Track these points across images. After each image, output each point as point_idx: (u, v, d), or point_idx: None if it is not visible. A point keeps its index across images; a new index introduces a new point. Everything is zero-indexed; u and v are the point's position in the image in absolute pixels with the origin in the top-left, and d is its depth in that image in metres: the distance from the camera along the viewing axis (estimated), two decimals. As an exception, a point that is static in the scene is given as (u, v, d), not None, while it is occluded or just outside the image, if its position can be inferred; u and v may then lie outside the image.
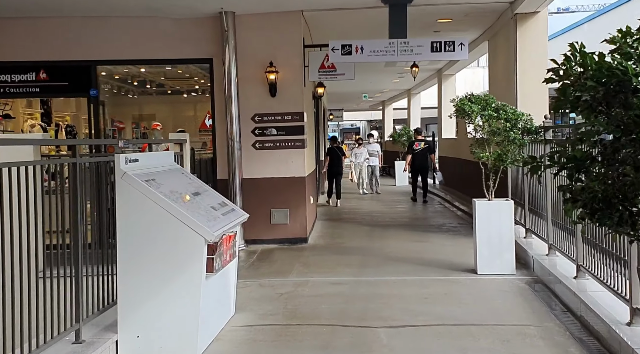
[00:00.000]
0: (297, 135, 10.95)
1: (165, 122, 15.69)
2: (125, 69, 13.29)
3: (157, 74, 14.97)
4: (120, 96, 15.87)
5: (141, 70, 13.72)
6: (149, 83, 15.54)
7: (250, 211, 10.98)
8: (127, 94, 16.46)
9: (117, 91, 16.02)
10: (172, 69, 13.30)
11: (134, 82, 15.58)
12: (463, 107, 8.31)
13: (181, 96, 15.99)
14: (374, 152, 20.60)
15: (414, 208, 16.68)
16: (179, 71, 13.73)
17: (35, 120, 15.41)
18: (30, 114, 15.54)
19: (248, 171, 10.87)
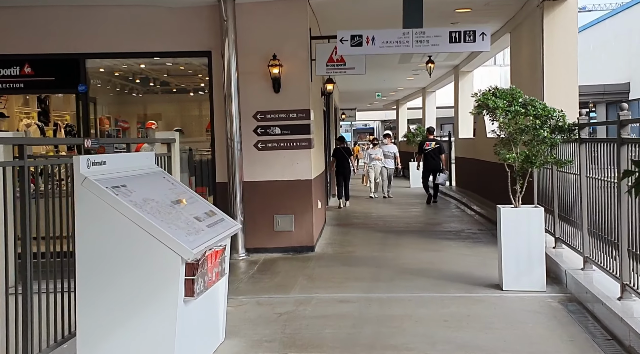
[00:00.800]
0: (303, 134, 10.05)
1: (172, 122, 14.89)
2: (124, 66, 12.47)
3: (160, 71, 14.17)
4: (124, 94, 15.18)
5: (141, 66, 12.87)
6: (153, 81, 14.73)
7: (252, 217, 10.17)
8: (131, 93, 15.72)
9: (120, 89, 15.26)
10: (175, 65, 12.46)
11: (136, 80, 14.79)
12: (487, 103, 7.37)
13: (187, 94, 15.16)
14: (389, 154, 19.33)
15: (429, 212, 15.74)
16: (181, 68, 12.89)
17: (32, 119, 14.64)
18: (26, 113, 14.78)
19: (249, 174, 9.99)
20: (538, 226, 7.31)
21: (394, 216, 14.83)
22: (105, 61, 11.25)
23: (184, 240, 4.50)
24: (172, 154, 6.99)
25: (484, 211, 14.30)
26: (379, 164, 18.91)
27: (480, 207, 14.98)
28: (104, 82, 13.89)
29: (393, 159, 19.33)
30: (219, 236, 5.20)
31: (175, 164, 7.04)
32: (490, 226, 12.48)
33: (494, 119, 7.52)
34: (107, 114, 15.53)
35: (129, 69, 12.73)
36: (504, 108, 7.32)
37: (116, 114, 14.93)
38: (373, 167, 18.96)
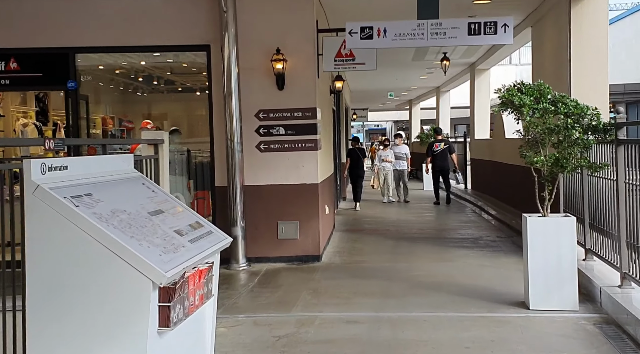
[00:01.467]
0: (309, 135, 9.31)
1: (179, 122, 14.20)
2: (124, 63, 11.77)
3: (163, 68, 13.49)
4: (124, 92, 14.52)
5: (142, 63, 12.17)
6: (155, 79, 14.04)
7: (254, 224, 9.42)
8: (133, 91, 15.08)
9: (120, 87, 14.62)
10: (178, 63, 11.73)
11: (138, 78, 14.12)
12: (511, 99, 6.59)
13: (194, 93, 14.43)
14: (401, 155, 18.11)
15: (443, 216, 14.95)
16: (184, 65, 12.17)
17: (29, 119, 13.99)
18: (24, 112, 14.14)
19: (251, 177, 9.26)
20: (569, 238, 6.52)
21: (407, 221, 14.06)
22: (103, 58, 10.57)
23: (156, 260, 3.76)
24: (160, 156, 6.27)
25: (502, 216, 13.51)
26: (389, 166, 17.83)
27: (498, 211, 14.18)
28: (100, 80, 13.24)
29: (405, 160, 18.17)
30: (204, 253, 4.46)
31: (163, 167, 6.31)
32: (509, 233, 11.70)
33: (520, 117, 6.75)
34: (104, 113, 14.88)
35: (131, 66, 12.03)
36: (531, 105, 6.55)
37: (122, 114, 14.32)
38: (383, 169, 17.94)
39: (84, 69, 10.16)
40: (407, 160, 18.24)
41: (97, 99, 14.54)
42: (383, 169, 17.90)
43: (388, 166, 17.81)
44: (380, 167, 18.03)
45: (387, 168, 17.85)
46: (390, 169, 17.87)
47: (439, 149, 17.33)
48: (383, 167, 17.89)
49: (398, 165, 17.94)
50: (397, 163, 17.93)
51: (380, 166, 17.99)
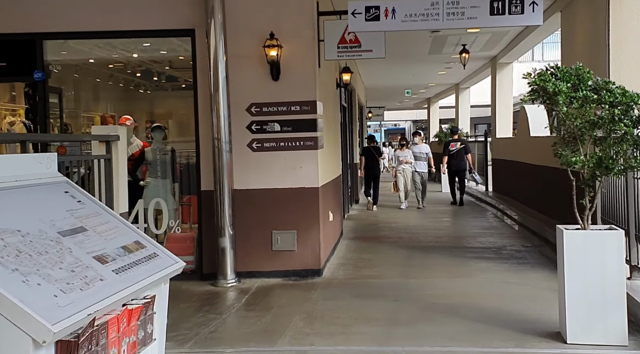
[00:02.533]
0: (308, 132, 8.17)
1: (182, 119, 13.18)
2: (114, 55, 10.74)
3: (162, 63, 12.44)
4: (129, 90, 13.75)
5: (134, 56, 11.10)
6: (141, 71, 13.00)
7: (246, 234, 8.27)
8: (137, 89, 14.12)
9: (124, 85, 13.65)
10: (164, 51, 10.65)
11: (136, 73, 13.11)
12: (544, 86, 5.40)
13: (182, 86, 13.38)
14: (420, 155, 16.38)
15: (462, 222, 13.74)
16: (181, 58, 11.08)
17: (18, 117, 12.97)
18: (13, 110, 13.13)
19: (242, 180, 8.13)
20: (616, 256, 5.31)
21: (422, 227, 12.86)
22: (78, 45, 9.49)
23: (44, 305, 2.64)
24: (113, 156, 5.16)
25: (527, 221, 12.28)
26: (409, 168, 16.04)
27: (522, 217, 12.95)
28: (76, 71, 12.19)
29: (426, 161, 16.44)
30: (137, 285, 3.33)
31: (118, 169, 5.20)
32: (536, 241, 10.49)
33: (554, 108, 5.55)
34: (104, 110, 13.92)
35: (110, 55, 10.95)
36: (568, 93, 5.35)
37: (128, 112, 13.32)
38: (402, 172, 16.08)
39: (56, 59, 9.15)
40: (427, 161, 16.53)
41: (75, 94, 13.59)
42: (402, 171, 16.09)
43: (407, 167, 16.06)
44: (399, 170, 16.16)
45: (407, 170, 16.10)
46: (410, 171, 16.14)
47: (455, 148, 16.75)
48: (402, 169, 16.06)
49: (418, 166, 16.27)
50: (417, 164, 16.26)
51: (399, 168, 16.14)
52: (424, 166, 16.34)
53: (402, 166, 16.03)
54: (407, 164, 16.03)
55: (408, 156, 16.13)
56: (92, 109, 14.39)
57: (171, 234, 8.43)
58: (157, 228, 8.35)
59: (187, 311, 6.71)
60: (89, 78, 13.16)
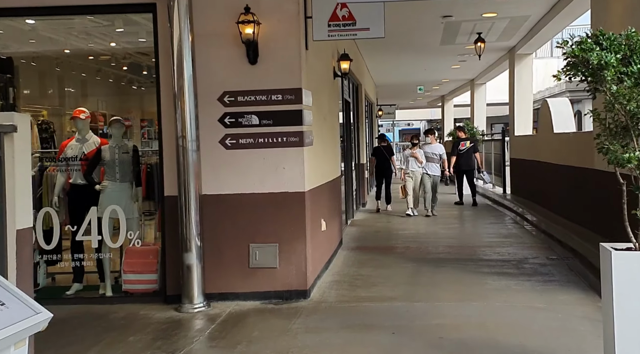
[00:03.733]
0: (293, 125, 6.85)
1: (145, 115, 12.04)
2: (91, 44, 9.50)
3: (150, 55, 11.19)
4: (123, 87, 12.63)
5: (112, 45, 9.84)
6: (146, 69, 11.76)
7: (217, 247, 6.83)
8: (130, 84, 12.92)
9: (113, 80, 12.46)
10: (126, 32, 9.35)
11: (123, 67, 11.88)
12: (586, 57, 4.03)
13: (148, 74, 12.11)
14: (433, 156, 14.45)
15: (478, 228, 12.34)
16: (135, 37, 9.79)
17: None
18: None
19: (213, 184, 6.81)
20: (685, 287, 3.94)
21: (433, 235, 11.49)
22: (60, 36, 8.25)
23: None
24: (6, 153, 3.85)
25: (551, 228, 10.89)
26: (419, 170, 14.23)
27: (545, 223, 11.55)
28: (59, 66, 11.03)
29: (439, 163, 14.63)
30: None
31: (15, 171, 3.88)
32: (562, 253, 9.13)
33: (599, 87, 4.17)
34: (95, 107, 12.67)
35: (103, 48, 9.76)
36: (618, 67, 3.98)
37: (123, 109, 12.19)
38: (412, 174, 14.22)
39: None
40: (440, 162, 14.73)
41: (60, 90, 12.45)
42: (412, 174, 14.21)
43: (417, 169, 14.23)
44: (408, 172, 14.29)
45: (417, 173, 14.20)
46: (419, 174, 14.22)
47: (466, 147, 16.17)
48: (411, 171, 14.22)
49: (429, 169, 14.36)
50: (428, 166, 14.35)
51: (408, 170, 14.28)
52: (436, 169, 14.51)
53: (411, 168, 14.24)
54: (417, 165, 14.16)
55: (419, 156, 14.27)
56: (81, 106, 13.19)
57: (131, 248, 7.11)
58: (114, 241, 7.06)
59: (133, 347, 5.39)
60: (73, 71, 11.98)
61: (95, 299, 7.16)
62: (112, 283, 7.25)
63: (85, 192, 7.29)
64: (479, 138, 20.39)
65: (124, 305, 6.83)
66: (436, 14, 11.91)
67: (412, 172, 14.18)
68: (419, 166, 14.09)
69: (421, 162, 14.07)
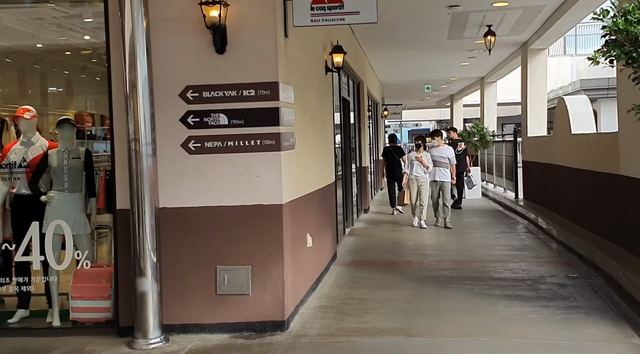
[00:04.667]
0: (268, 126, 5.79)
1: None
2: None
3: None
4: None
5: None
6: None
7: (178, 270, 5.48)
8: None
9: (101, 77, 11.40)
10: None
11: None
12: (635, 32, 2.95)
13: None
14: (442, 160, 12.79)
15: (487, 238, 11.22)
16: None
17: None
18: (-43, 106, 10.92)
19: (173, 195, 5.77)
20: None
21: (438, 247, 10.42)
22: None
23: None
24: None
25: (570, 240, 9.81)
26: (424, 175, 12.57)
27: (562, 233, 10.46)
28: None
29: (448, 167, 12.86)
30: None
31: None
32: (584, 270, 8.09)
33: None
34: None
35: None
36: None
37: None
38: (416, 180, 12.59)
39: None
40: (450, 167, 12.93)
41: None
42: (415, 179, 12.63)
43: (422, 174, 12.62)
44: (412, 177, 12.65)
45: (422, 178, 12.60)
46: (427, 180, 12.60)
47: (462, 149, 15.77)
48: (416, 177, 12.58)
49: (438, 175, 12.76)
50: (437, 172, 12.77)
51: (412, 176, 12.65)
52: (446, 174, 12.81)
53: (416, 173, 12.53)
54: (423, 170, 12.50)
55: (425, 160, 12.59)
56: (66, 106, 12.18)
57: (80, 270, 6.07)
58: (59, 262, 6.02)
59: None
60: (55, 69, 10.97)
61: (40, 329, 6.11)
62: (62, 310, 6.21)
63: (30, 204, 6.26)
64: (489, 139, 19.31)
65: (70, 338, 5.80)
66: (442, 3, 10.81)
67: (417, 178, 12.55)
68: (424, 171, 12.47)
69: (427, 167, 12.43)
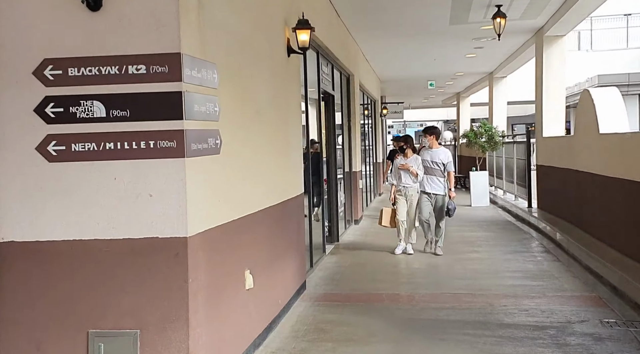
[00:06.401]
0: (165, 120, 3.84)
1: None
2: None
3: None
4: None
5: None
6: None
7: (30, 338, 3.13)
8: None
9: None
10: None
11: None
12: None
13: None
14: (434, 167, 9.82)
15: (495, 261, 9.24)
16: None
17: None
18: None
19: (24, 222, 3.85)
20: None
21: (433, 273, 8.48)
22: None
23: None
24: None
25: (600, 267, 7.84)
26: (414, 186, 9.74)
27: (589, 256, 8.48)
28: None
29: (443, 176, 9.88)
30: None
31: None
32: (624, 311, 6.10)
33: None
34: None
35: None
36: None
37: None
38: (404, 191, 9.79)
39: None
40: (447, 176, 9.93)
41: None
42: (404, 191, 9.79)
43: (412, 185, 9.75)
44: (399, 188, 9.83)
45: (412, 190, 9.75)
46: (415, 191, 9.76)
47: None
48: (404, 188, 9.75)
49: (429, 185, 9.80)
50: (428, 181, 9.80)
51: (400, 186, 9.82)
52: (439, 186, 9.82)
53: (404, 183, 9.74)
54: (412, 179, 9.68)
55: (414, 166, 9.71)
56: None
57: None
58: None
59: None
60: None
61: None
62: None
63: None
64: (498, 140, 17.34)
65: None
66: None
67: (405, 189, 9.76)
68: (414, 180, 9.73)
69: (416, 176, 9.66)
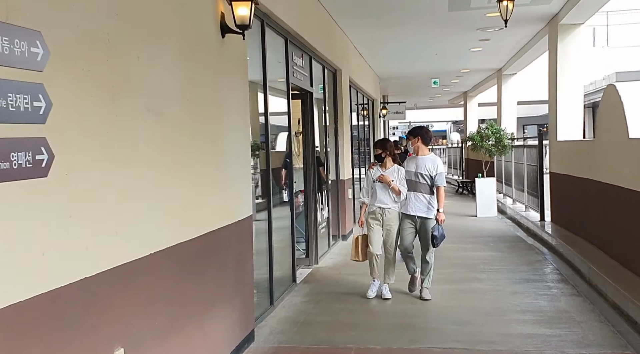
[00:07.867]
0: None
1: None
2: None
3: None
4: None
5: None
6: None
7: None
8: None
9: None
10: None
11: None
12: None
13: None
14: (421, 180, 7.31)
15: (499, 293, 7.53)
16: None
17: None
18: None
19: None
20: None
21: (422, 314, 6.75)
22: None
23: None
24: None
25: (630, 305, 6.10)
26: (392, 207, 7.38)
27: (619, 292, 6.74)
28: None
29: (429, 192, 7.32)
30: None
31: None
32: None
33: None
34: None
35: None
36: None
37: None
38: (380, 214, 7.40)
39: None
40: (437, 192, 7.29)
41: None
42: (379, 214, 7.41)
43: (390, 206, 7.38)
44: (372, 211, 7.47)
45: (389, 213, 7.37)
46: (395, 215, 7.40)
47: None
48: (378, 208, 7.40)
49: (413, 205, 7.33)
50: (412, 200, 7.34)
51: (375, 207, 7.43)
52: (423, 206, 7.32)
53: (378, 204, 7.41)
54: (391, 197, 7.36)
55: (394, 180, 7.35)
56: None
57: None
58: None
59: None
60: None
61: None
62: None
63: None
64: (507, 143, 15.61)
65: None
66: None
67: (382, 212, 7.41)
68: (394, 199, 7.38)
69: (398, 194, 7.32)
